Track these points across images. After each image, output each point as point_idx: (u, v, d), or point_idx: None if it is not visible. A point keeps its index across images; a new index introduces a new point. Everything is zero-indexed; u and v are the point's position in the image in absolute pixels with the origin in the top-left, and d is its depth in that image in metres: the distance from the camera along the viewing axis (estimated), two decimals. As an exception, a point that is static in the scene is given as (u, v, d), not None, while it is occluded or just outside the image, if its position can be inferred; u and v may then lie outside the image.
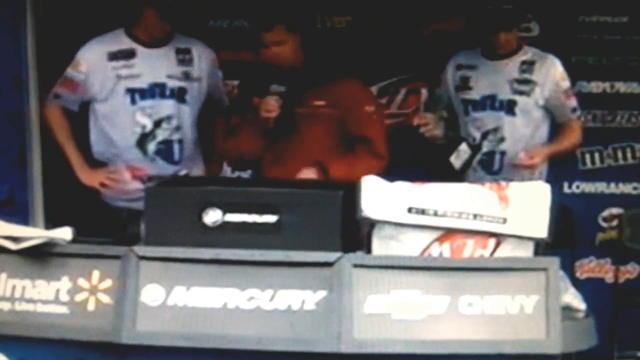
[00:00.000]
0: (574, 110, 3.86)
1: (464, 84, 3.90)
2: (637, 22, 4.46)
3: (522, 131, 3.82)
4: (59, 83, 3.76)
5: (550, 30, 4.45)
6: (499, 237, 2.70)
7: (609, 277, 4.49)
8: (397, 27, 4.48)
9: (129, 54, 3.70)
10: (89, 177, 3.74)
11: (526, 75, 3.80)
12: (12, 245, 2.71)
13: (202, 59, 3.80)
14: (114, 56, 3.69)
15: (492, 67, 3.84)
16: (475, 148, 3.75)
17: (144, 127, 3.71)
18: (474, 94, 3.86)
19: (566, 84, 3.83)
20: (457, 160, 3.65)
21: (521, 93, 3.80)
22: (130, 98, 3.70)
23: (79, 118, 3.81)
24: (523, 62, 3.82)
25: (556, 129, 3.87)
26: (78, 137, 3.80)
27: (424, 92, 4.55)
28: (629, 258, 4.46)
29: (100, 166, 3.78)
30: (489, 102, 3.84)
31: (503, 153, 3.82)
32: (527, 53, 3.85)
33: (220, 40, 4.20)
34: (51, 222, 3.45)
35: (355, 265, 2.62)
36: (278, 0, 3.65)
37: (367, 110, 3.52)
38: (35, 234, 2.74)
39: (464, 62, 3.92)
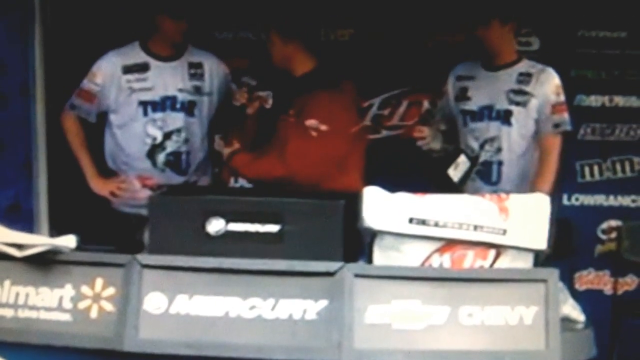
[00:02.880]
0: (557, 125, 3.76)
1: (462, 95, 3.90)
2: (636, 37, 4.48)
3: (519, 142, 3.81)
4: (76, 94, 3.81)
5: (550, 45, 4.47)
6: (499, 248, 2.72)
7: (608, 289, 4.51)
8: (399, 40, 4.50)
9: (143, 68, 3.76)
10: (100, 187, 3.79)
11: (522, 87, 3.79)
12: (16, 253, 2.72)
13: (214, 73, 3.86)
14: (128, 69, 3.75)
15: (490, 77, 3.85)
16: (473, 159, 3.74)
17: (154, 138, 3.78)
18: (472, 105, 3.87)
19: (557, 98, 3.77)
20: (455, 172, 3.62)
21: (517, 104, 3.79)
22: (142, 110, 3.76)
23: (94, 127, 3.85)
24: (520, 74, 3.81)
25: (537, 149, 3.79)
26: (92, 145, 3.84)
27: (426, 104, 4.58)
28: (627, 270, 4.47)
29: (111, 175, 3.82)
30: (487, 113, 3.84)
31: (500, 163, 3.82)
32: (526, 65, 3.85)
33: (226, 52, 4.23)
34: (56, 229, 3.47)
35: (357, 275, 2.63)
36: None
37: (306, 124, 3.47)
38: (39, 241, 2.76)
39: (464, 73, 3.94)
